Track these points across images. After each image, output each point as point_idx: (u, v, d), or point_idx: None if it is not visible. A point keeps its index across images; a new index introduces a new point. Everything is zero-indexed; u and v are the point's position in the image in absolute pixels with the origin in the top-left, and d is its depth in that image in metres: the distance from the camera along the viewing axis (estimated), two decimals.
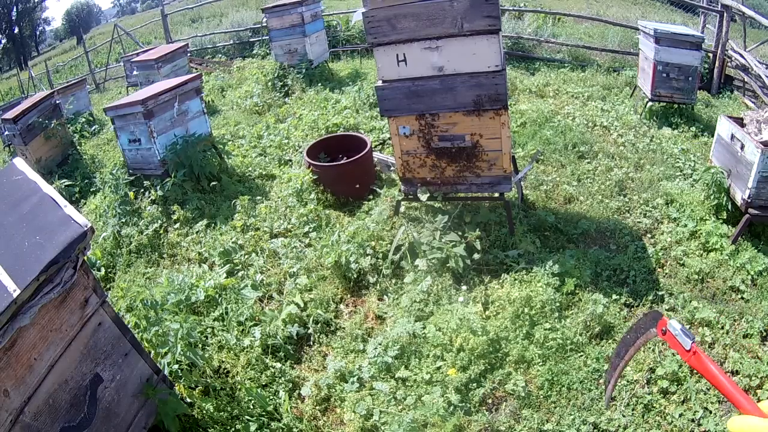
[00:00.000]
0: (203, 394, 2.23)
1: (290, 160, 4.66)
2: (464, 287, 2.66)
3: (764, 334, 2.30)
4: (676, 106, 4.85)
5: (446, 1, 2.47)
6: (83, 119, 7.54)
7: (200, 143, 4.23)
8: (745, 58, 5.72)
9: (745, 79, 5.77)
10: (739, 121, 3.08)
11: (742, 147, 2.89)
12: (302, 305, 2.69)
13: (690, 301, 2.51)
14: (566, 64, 6.70)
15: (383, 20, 2.63)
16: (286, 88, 6.75)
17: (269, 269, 3.11)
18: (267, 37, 8.20)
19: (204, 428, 2.08)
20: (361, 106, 5.49)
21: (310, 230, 3.39)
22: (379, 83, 2.84)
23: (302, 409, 2.20)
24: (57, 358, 1.60)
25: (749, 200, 2.86)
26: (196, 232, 3.62)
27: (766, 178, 2.78)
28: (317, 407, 2.19)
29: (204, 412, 2.12)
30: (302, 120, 5.37)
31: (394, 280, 2.82)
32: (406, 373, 2.20)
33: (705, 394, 2.02)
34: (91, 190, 5.06)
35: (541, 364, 2.20)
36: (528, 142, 4.27)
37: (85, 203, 4.88)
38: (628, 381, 2.14)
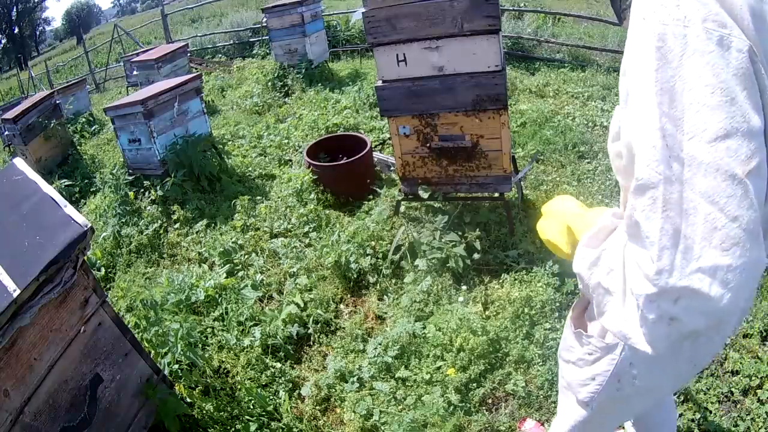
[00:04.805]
0: (203, 394, 2.23)
1: (290, 160, 4.66)
2: (464, 287, 2.66)
3: (764, 334, 2.30)
4: None
5: (446, 1, 2.47)
6: (83, 119, 7.55)
7: (200, 143, 4.23)
8: None
9: None
10: None
11: None
12: (302, 305, 2.68)
13: None
14: (566, 64, 6.70)
15: (383, 20, 2.62)
16: (286, 88, 6.75)
17: (269, 269, 3.11)
18: (267, 37, 8.20)
19: (204, 428, 2.08)
20: (361, 106, 5.49)
21: (310, 230, 3.39)
22: (379, 83, 2.84)
23: (302, 409, 2.20)
24: (57, 358, 1.60)
25: None
26: (196, 232, 3.62)
27: None
28: (317, 407, 2.19)
29: (204, 412, 2.12)
30: (302, 120, 5.37)
31: (394, 280, 2.82)
32: (406, 373, 2.20)
33: (705, 394, 2.02)
34: (91, 190, 5.07)
35: (541, 364, 2.20)
36: (528, 142, 4.26)
37: (85, 203, 4.88)
38: None
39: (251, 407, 2.16)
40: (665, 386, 1.04)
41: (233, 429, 2.08)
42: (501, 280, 2.69)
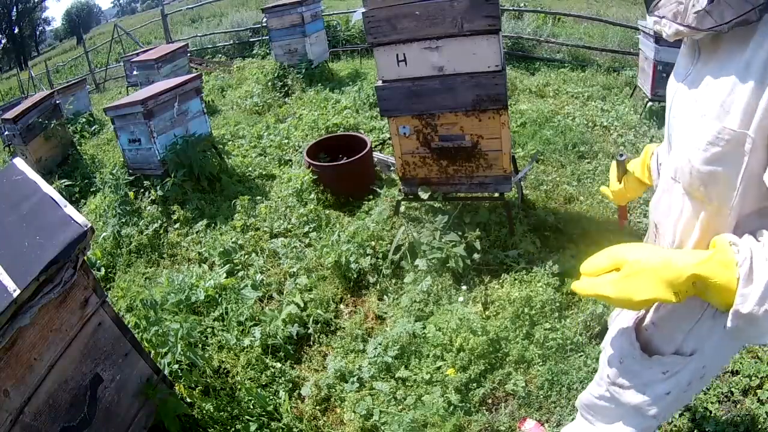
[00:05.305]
0: (203, 394, 2.23)
1: (290, 160, 4.66)
2: (464, 287, 2.66)
3: None
4: None
5: (446, 1, 2.47)
6: (83, 119, 7.54)
7: (200, 143, 4.23)
8: None
9: None
10: None
11: None
12: (302, 305, 2.69)
13: None
14: (566, 64, 6.70)
15: (383, 20, 2.62)
16: (286, 88, 6.75)
17: (269, 269, 3.11)
18: (267, 37, 8.20)
19: (204, 428, 2.08)
20: (361, 106, 5.49)
21: (310, 230, 3.39)
22: (379, 83, 2.84)
23: (302, 409, 2.20)
24: (57, 358, 1.60)
25: None
26: (196, 232, 3.62)
27: None
28: (317, 407, 2.19)
29: (204, 412, 2.12)
30: (302, 120, 5.37)
31: (394, 280, 2.82)
32: (406, 373, 2.20)
33: (705, 394, 2.02)
34: (91, 190, 5.06)
35: (541, 364, 2.20)
36: (528, 142, 4.27)
37: (85, 203, 4.88)
38: None
39: (251, 407, 2.16)
40: (719, 370, 1.13)
41: (233, 429, 2.08)
42: (501, 280, 2.69)
